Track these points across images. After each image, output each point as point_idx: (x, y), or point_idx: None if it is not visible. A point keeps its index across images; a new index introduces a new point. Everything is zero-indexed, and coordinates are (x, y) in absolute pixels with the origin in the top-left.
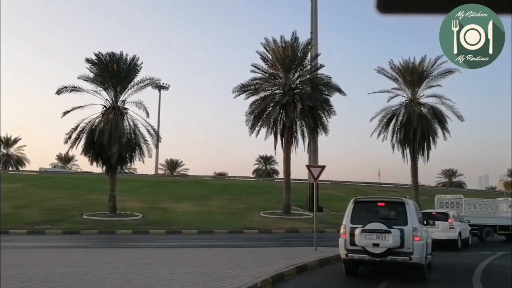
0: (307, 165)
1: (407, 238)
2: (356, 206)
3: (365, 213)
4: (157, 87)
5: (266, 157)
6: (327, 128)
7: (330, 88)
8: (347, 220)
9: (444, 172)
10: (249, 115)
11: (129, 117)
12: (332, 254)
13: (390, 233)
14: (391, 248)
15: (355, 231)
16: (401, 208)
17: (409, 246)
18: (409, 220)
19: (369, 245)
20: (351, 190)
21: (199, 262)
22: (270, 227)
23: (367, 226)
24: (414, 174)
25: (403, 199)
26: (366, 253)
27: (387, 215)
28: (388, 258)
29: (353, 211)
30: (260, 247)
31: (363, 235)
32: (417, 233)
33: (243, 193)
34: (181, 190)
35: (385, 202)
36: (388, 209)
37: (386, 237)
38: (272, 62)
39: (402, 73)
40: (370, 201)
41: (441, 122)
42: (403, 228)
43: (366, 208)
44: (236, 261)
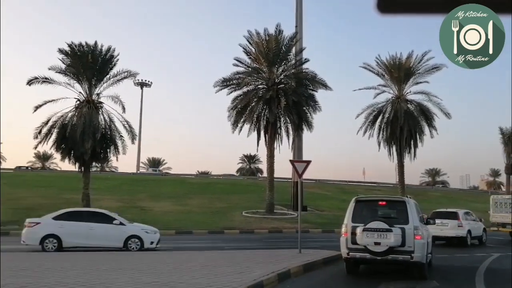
0: (291, 160)
1: (408, 236)
2: (357, 205)
3: (366, 212)
4: (139, 84)
5: (250, 156)
6: (312, 125)
7: (316, 83)
8: (349, 219)
9: (428, 172)
10: (231, 110)
11: (105, 112)
12: (318, 257)
13: (391, 232)
14: (392, 247)
15: (357, 230)
16: (402, 207)
17: (410, 245)
18: (410, 219)
19: (370, 244)
20: (336, 189)
21: (167, 269)
22: (252, 227)
23: (368, 225)
24: (401, 173)
25: (404, 198)
26: (367, 252)
27: (388, 214)
28: (389, 256)
29: (354, 210)
30: (240, 249)
31: (365, 233)
32: (418, 231)
33: (225, 192)
34: (161, 189)
35: (386, 201)
36: (389, 208)
37: (388, 235)
38: (255, 55)
39: (389, 69)
40: (371, 200)
41: (428, 119)
42: (404, 227)
43: (367, 207)
44: (210, 267)
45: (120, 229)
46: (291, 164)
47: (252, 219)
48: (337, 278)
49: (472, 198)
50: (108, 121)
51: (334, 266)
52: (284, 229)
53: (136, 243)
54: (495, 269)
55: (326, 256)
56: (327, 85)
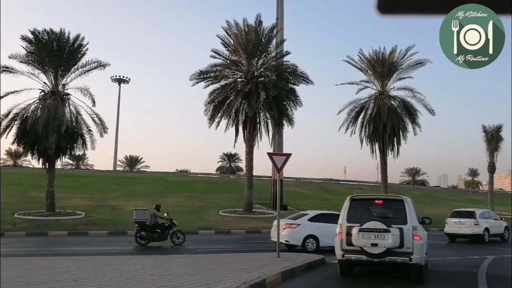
0: (269, 153)
1: (407, 237)
2: (352, 204)
3: (362, 212)
4: (116, 80)
5: (230, 154)
6: (293, 120)
7: (297, 76)
8: (343, 218)
9: (408, 171)
10: (208, 104)
11: (72, 104)
12: (299, 262)
13: (389, 232)
14: (390, 248)
15: (352, 230)
16: (399, 206)
17: (409, 246)
18: (409, 218)
19: (367, 245)
20: (317, 188)
21: (117, 280)
22: (229, 227)
23: (365, 225)
24: (384, 171)
25: (402, 197)
26: (363, 254)
27: (385, 214)
28: (387, 258)
29: (349, 210)
30: (212, 252)
31: (361, 234)
32: (417, 232)
33: (202, 191)
34: (136, 187)
35: (383, 199)
36: (386, 207)
37: (385, 236)
38: (234, 47)
39: (372, 64)
40: (367, 198)
41: (412, 116)
42: (402, 227)
43: (363, 206)
44: (170, 276)
45: None
46: (269, 157)
47: (229, 218)
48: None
49: (453, 197)
50: (75, 113)
51: (317, 273)
52: (263, 229)
53: None
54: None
55: (309, 260)
56: (309, 78)
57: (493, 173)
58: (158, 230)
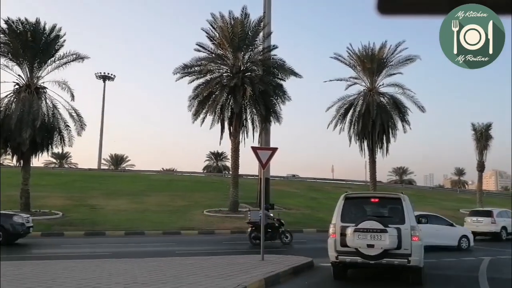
0: (253, 147)
1: (405, 238)
2: (347, 202)
3: (357, 210)
4: (101, 77)
5: (217, 153)
6: (280, 116)
7: (284, 71)
8: (337, 218)
9: (395, 170)
10: (192, 100)
11: (48, 98)
12: (285, 266)
13: (386, 232)
14: (387, 249)
15: (347, 231)
16: (397, 205)
17: (407, 247)
18: (407, 218)
19: (363, 246)
20: (304, 186)
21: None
22: (213, 227)
23: (360, 225)
24: (372, 169)
25: (399, 195)
26: (359, 255)
27: (382, 213)
28: (383, 260)
29: (343, 208)
30: (192, 254)
31: (356, 235)
32: (416, 232)
33: (187, 189)
34: (118, 186)
35: (380, 198)
36: (383, 205)
37: (382, 237)
38: (219, 40)
39: (361, 60)
40: (362, 196)
41: (402, 113)
42: (400, 227)
43: (358, 204)
44: (137, 285)
45: (454, 230)
46: (253, 151)
47: (214, 218)
48: None
49: (441, 197)
50: (51, 108)
51: (305, 277)
52: None
53: (465, 242)
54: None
55: (296, 264)
56: (297, 73)
57: (482, 172)
58: (270, 230)
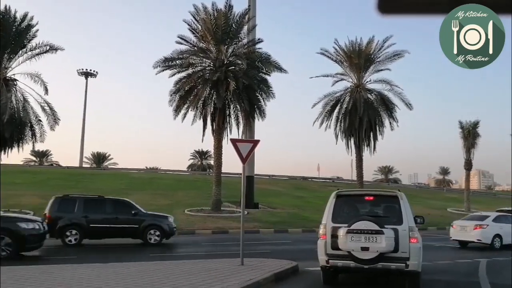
0: (232, 139)
1: (402, 240)
2: (339, 200)
3: (350, 209)
4: (83, 73)
5: (202, 151)
6: (265, 112)
7: (269, 65)
8: (328, 217)
9: (380, 169)
10: (173, 94)
11: (19, 90)
12: (266, 272)
13: (382, 234)
14: (383, 252)
15: (339, 232)
16: (394, 203)
17: (404, 250)
18: (405, 217)
19: (356, 249)
20: (290, 185)
21: None
22: (193, 228)
23: (354, 225)
24: (359, 167)
25: (397, 192)
26: (352, 259)
27: (377, 212)
28: (379, 265)
29: (335, 207)
30: (166, 258)
31: (349, 236)
32: (414, 233)
33: (169, 188)
34: (97, 184)
35: (375, 195)
36: (378, 204)
37: (378, 239)
38: (202, 33)
39: (348, 55)
40: (355, 194)
41: (389, 109)
42: (397, 228)
43: (351, 203)
44: None
45: None
46: (233, 144)
47: (195, 218)
48: None
49: (428, 195)
50: (22, 101)
51: (289, 284)
52: (231, 229)
53: None
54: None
55: (278, 269)
56: (282, 68)
57: (470, 170)
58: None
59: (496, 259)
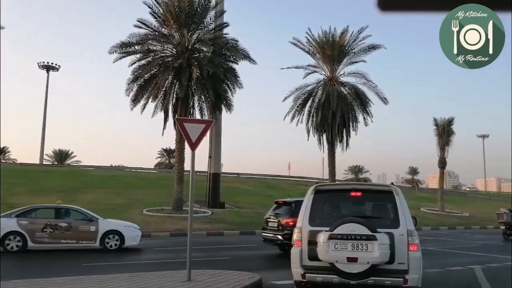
0: (178, 118)
1: (400, 247)
2: (318, 197)
3: (332, 209)
4: (44, 67)
5: (169, 150)
6: (232, 104)
7: (237, 53)
8: (304, 219)
9: (351, 169)
10: (131, 83)
11: None
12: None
13: (375, 240)
14: (376, 264)
15: (318, 237)
16: (388, 201)
17: (402, 261)
18: (402, 219)
19: (341, 260)
20: (259, 184)
21: None
22: (150, 229)
23: (337, 229)
24: (332, 164)
25: (391, 187)
26: (335, 273)
27: (367, 212)
28: (370, 280)
29: (313, 206)
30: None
31: (331, 243)
32: (414, 239)
33: (129, 186)
34: (50, 182)
35: (363, 190)
36: (368, 201)
37: (369, 246)
38: (164, 17)
39: (321, 46)
40: (339, 189)
41: (363, 104)
42: (393, 232)
43: (334, 200)
44: None
45: None
46: (179, 124)
47: (153, 218)
48: None
49: None
50: None
51: None
52: (193, 231)
53: None
54: None
55: (235, 285)
56: (251, 57)
57: (444, 168)
58: None
59: (489, 265)
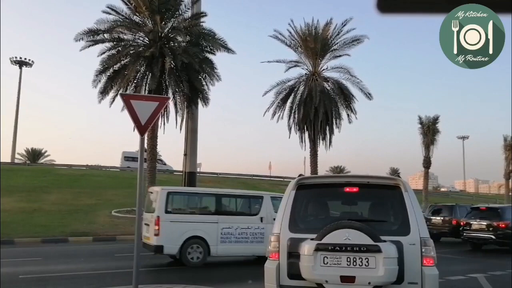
0: (122, 94)
1: (410, 261)
2: (301, 194)
3: (319, 209)
4: (17, 62)
5: None
6: (208, 98)
7: (214, 43)
8: (283, 223)
9: (332, 169)
10: (99, 74)
11: None
12: None
13: (379, 252)
14: (379, 285)
15: (302, 248)
16: (394, 199)
17: (414, 279)
18: (413, 222)
19: (332, 279)
20: (238, 183)
21: None
22: (116, 232)
23: (327, 237)
24: (314, 163)
25: (398, 180)
26: None
27: (366, 213)
28: None
29: (294, 205)
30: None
31: (319, 257)
32: (430, 250)
33: (99, 186)
34: (13, 181)
35: (361, 185)
36: (367, 199)
37: (370, 261)
38: (135, 3)
39: (303, 39)
40: (328, 183)
41: (347, 100)
42: (401, 241)
43: (321, 198)
44: None
45: None
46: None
47: (121, 220)
48: None
49: None
50: None
51: None
52: None
53: None
54: None
55: None
56: (229, 48)
57: (429, 168)
58: None
59: (492, 273)
